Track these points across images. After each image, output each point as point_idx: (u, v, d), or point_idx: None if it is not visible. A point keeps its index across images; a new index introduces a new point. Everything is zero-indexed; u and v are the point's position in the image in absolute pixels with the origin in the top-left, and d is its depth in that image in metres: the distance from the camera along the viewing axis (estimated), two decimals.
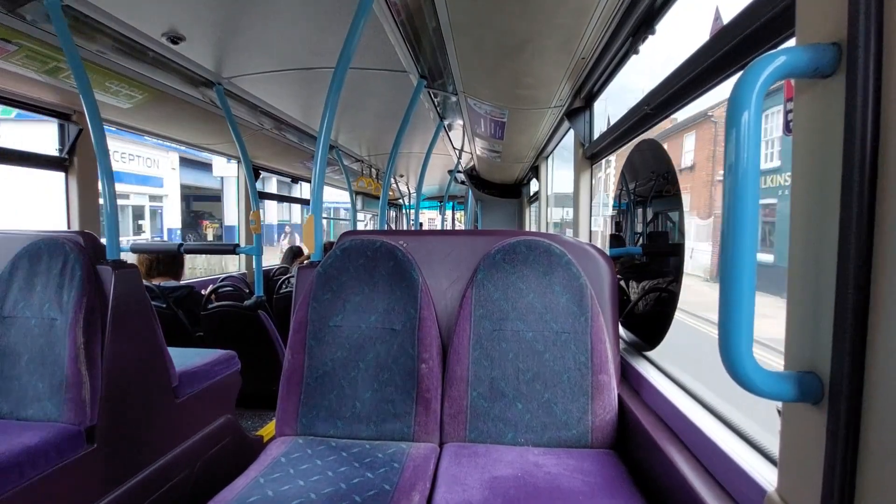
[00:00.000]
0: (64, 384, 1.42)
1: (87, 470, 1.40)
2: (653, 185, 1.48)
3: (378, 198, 6.92)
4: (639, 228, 1.61)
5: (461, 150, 4.83)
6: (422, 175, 4.14)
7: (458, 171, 5.85)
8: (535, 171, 4.90)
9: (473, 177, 6.48)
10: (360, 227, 8.27)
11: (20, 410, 1.44)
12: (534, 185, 5.32)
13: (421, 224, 5.81)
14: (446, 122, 3.59)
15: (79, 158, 2.38)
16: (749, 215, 0.50)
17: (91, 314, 1.49)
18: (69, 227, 2.40)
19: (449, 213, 10.90)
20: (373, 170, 6.00)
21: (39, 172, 2.44)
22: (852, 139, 0.45)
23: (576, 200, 2.36)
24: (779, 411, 0.61)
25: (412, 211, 9.51)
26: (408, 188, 8.84)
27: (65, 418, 1.41)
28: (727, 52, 0.90)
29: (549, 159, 4.48)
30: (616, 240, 1.82)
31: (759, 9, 0.78)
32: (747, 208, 0.50)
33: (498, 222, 6.78)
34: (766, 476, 0.70)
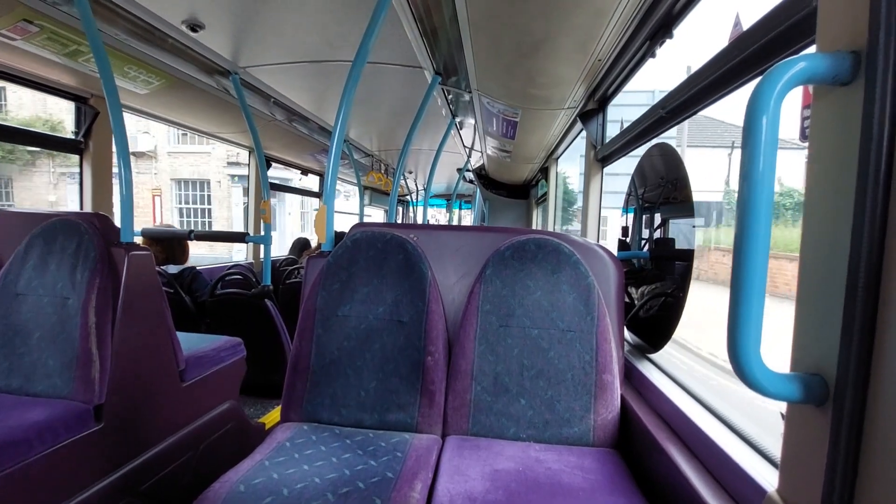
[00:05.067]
0: (74, 362, 1.45)
1: (93, 447, 1.43)
2: (661, 191, 1.48)
3: (384, 193, 6.93)
4: (646, 234, 1.61)
5: (471, 149, 4.83)
6: (431, 172, 4.15)
7: (468, 170, 5.86)
8: (544, 173, 4.89)
9: (482, 176, 6.48)
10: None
11: (31, 386, 1.46)
12: (542, 187, 5.31)
13: (428, 221, 5.82)
14: (458, 120, 3.59)
15: (94, 142, 2.41)
16: (763, 220, 0.50)
17: (103, 295, 1.52)
18: (82, 209, 2.44)
19: (456, 211, 10.90)
20: (382, 165, 6.01)
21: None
22: (868, 146, 0.46)
23: (585, 201, 2.37)
24: (782, 414, 0.62)
25: (418, 208, 9.53)
26: (416, 185, 8.85)
27: (74, 395, 1.43)
28: (746, 57, 0.91)
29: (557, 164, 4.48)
30: (623, 245, 1.83)
31: (779, 16, 0.79)
32: (761, 213, 0.50)
33: (505, 222, 6.78)
34: (767, 477, 0.71)
